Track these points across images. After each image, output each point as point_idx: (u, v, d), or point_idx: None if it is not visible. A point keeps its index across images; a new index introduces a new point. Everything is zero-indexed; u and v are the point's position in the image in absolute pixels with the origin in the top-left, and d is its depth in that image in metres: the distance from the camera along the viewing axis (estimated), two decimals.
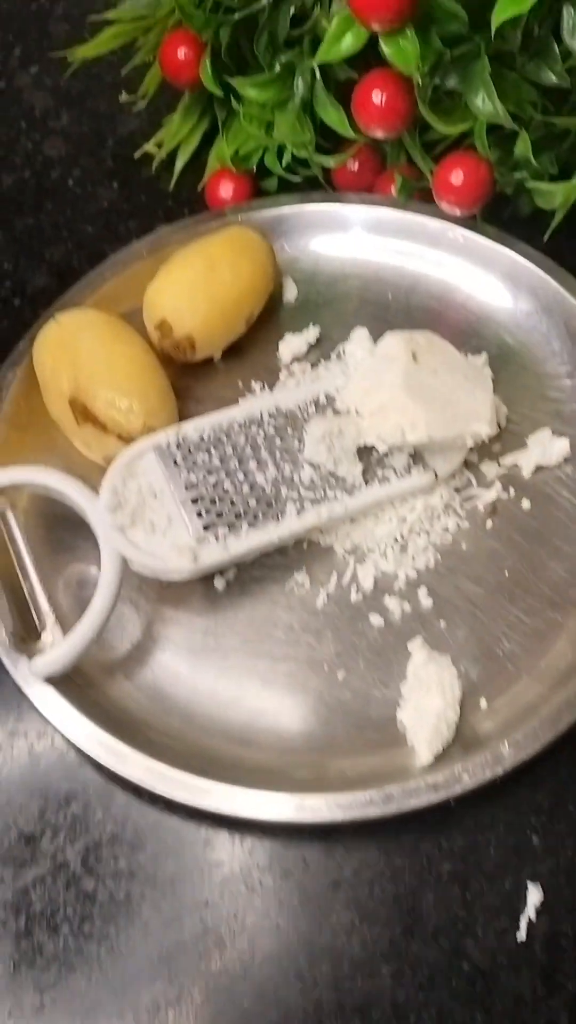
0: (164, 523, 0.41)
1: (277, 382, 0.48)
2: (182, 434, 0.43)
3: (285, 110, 0.48)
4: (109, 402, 0.43)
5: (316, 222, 0.51)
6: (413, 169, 0.50)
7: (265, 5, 0.47)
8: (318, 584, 0.43)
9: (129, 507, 0.41)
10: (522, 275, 0.48)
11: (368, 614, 0.43)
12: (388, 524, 0.44)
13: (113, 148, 0.57)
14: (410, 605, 0.43)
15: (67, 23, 0.62)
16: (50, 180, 0.56)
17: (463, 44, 0.42)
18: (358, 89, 0.43)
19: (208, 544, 0.41)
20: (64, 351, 0.45)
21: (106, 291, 0.50)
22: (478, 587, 0.43)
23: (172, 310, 0.46)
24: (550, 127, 0.46)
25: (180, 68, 0.49)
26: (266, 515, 0.42)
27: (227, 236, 0.48)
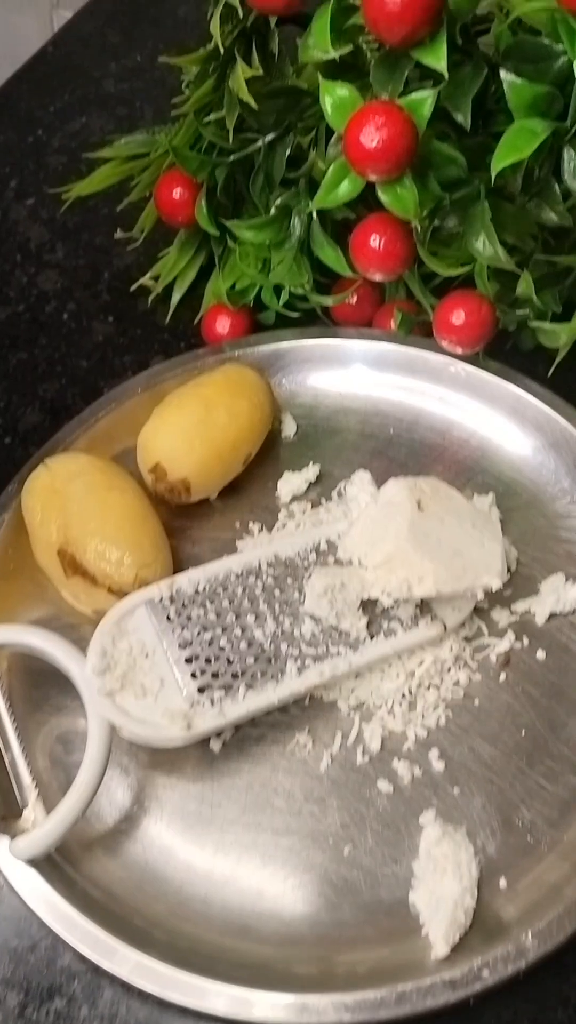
0: (156, 686, 0.39)
1: (276, 523, 0.46)
2: (176, 587, 0.41)
3: (282, 249, 0.47)
4: (99, 554, 0.41)
5: (315, 357, 0.50)
6: (413, 303, 0.49)
7: (261, 146, 0.47)
8: (321, 745, 0.41)
9: (119, 669, 0.39)
10: (527, 411, 0.47)
11: (376, 779, 0.40)
12: (395, 679, 0.41)
13: (109, 281, 0.56)
14: (421, 769, 0.40)
15: (64, 155, 0.62)
16: (44, 314, 0.55)
17: (462, 187, 0.41)
18: (356, 233, 0.43)
19: (203, 709, 0.38)
20: (53, 499, 0.43)
21: (99, 430, 0.48)
22: (493, 748, 0.40)
23: (166, 454, 0.44)
24: (552, 264, 0.45)
25: (175, 208, 0.49)
26: (265, 674, 0.39)
27: (224, 375, 0.47)
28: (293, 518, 0.46)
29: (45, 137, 0.63)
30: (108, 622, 0.39)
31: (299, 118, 0.45)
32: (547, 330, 0.44)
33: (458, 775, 0.40)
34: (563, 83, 0.39)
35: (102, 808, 0.40)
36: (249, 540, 0.46)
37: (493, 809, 0.39)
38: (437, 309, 0.45)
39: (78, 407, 0.52)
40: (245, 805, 0.40)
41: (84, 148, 0.61)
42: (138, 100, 0.64)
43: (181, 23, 0.68)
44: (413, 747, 0.40)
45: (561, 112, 0.39)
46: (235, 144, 0.46)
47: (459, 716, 0.41)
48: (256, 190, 0.47)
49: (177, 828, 0.39)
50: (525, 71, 0.39)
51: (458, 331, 0.44)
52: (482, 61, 0.39)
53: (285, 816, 0.39)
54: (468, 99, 0.39)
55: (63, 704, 0.42)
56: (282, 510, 0.47)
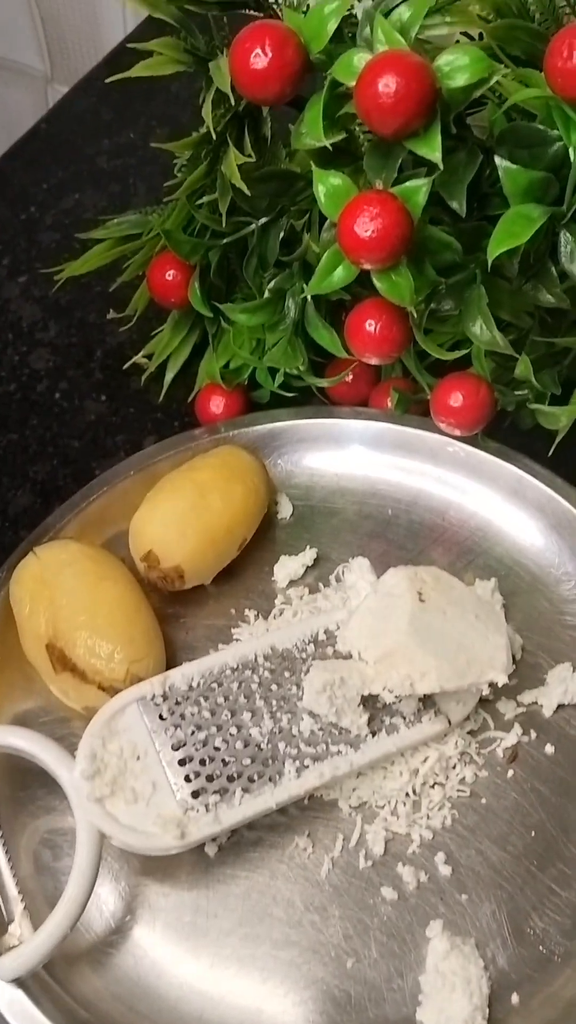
0: (148, 790, 0.37)
1: (273, 609, 0.45)
2: (169, 683, 0.39)
3: (276, 331, 0.47)
4: (89, 649, 0.40)
5: (311, 436, 0.49)
6: (409, 381, 0.49)
7: (254, 229, 0.46)
8: (322, 849, 0.39)
9: (109, 773, 0.37)
10: (528, 492, 0.46)
11: (379, 886, 0.38)
12: (398, 778, 0.39)
13: (102, 360, 0.56)
14: (426, 874, 0.38)
15: (57, 232, 0.62)
16: (36, 393, 0.55)
17: (458, 272, 0.41)
18: (351, 318, 0.42)
19: (197, 815, 0.36)
20: (42, 590, 0.42)
21: (91, 514, 0.47)
22: (502, 851, 0.38)
23: (159, 541, 0.43)
24: (550, 345, 0.44)
25: (168, 289, 0.48)
26: (262, 776, 0.38)
27: (218, 459, 0.46)
28: (290, 604, 0.45)
29: (38, 214, 0.63)
30: (98, 722, 0.38)
31: (292, 201, 0.45)
32: (546, 413, 0.43)
33: (466, 881, 0.38)
34: (558, 168, 0.39)
35: (91, 918, 0.38)
36: (245, 628, 0.44)
37: (503, 917, 0.37)
38: (434, 391, 0.44)
39: (69, 489, 0.50)
40: (243, 915, 0.38)
41: (77, 225, 0.61)
42: (131, 177, 0.64)
43: (173, 99, 0.69)
44: (418, 850, 0.39)
45: (557, 197, 0.39)
46: (228, 227, 0.45)
47: (466, 816, 0.39)
48: (250, 272, 0.47)
49: (171, 940, 0.37)
50: (520, 156, 0.38)
51: (456, 413, 0.43)
52: (476, 147, 0.39)
53: (284, 927, 0.37)
54: (463, 186, 0.39)
55: (51, 805, 0.40)
56: (279, 595, 0.46)
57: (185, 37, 0.43)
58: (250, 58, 0.37)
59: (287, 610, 0.45)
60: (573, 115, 0.37)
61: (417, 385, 0.47)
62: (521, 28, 0.39)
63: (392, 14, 0.38)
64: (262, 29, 0.37)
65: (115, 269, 0.52)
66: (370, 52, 0.36)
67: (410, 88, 0.34)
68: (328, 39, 0.38)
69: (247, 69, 0.37)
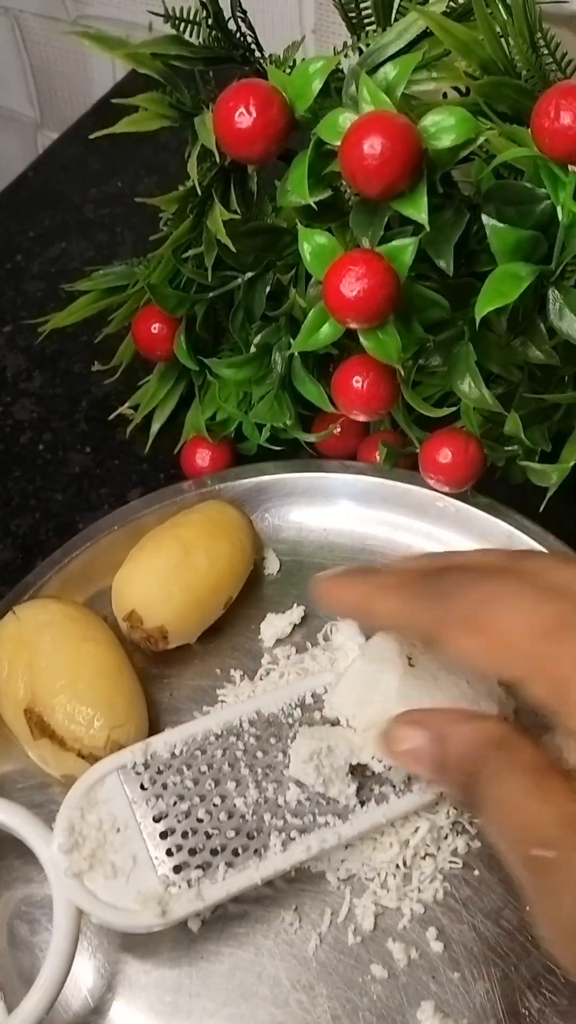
0: (128, 865, 0.35)
1: (259, 668, 0.44)
2: (150, 751, 0.38)
3: (262, 385, 0.46)
4: (68, 715, 0.39)
5: (298, 490, 0.48)
6: (398, 433, 0.48)
7: (241, 283, 0.46)
8: (309, 924, 0.38)
9: (88, 846, 0.36)
10: (517, 547, 0.45)
11: (369, 963, 0.37)
12: (388, 849, 0.38)
13: (87, 410, 0.55)
14: (417, 951, 0.37)
15: (43, 281, 0.61)
16: (19, 445, 0.54)
17: (446, 329, 0.40)
18: (337, 375, 0.41)
19: (179, 891, 0.35)
20: (22, 652, 0.41)
21: (73, 571, 0.46)
22: (496, 926, 0.37)
23: (142, 601, 0.42)
24: (540, 400, 0.43)
25: (154, 342, 0.48)
26: (247, 849, 0.36)
27: (203, 515, 0.45)
28: (277, 664, 0.44)
29: (24, 263, 0.62)
30: (76, 793, 0.37)
31: (279, 256, 0.44)
32: (537, 470, 0.43)
33: (458, 958, 0.37)
34: (546, 226, 0.38)
35: (68, 996, 0.37)
36: (231, 688, 0.43)
37: (497, 996, 0.36)
38: (423, 447, 0.43)
39: (52, 543, 0.50)
40: (227, 994, 0.36)
41: (63, 274, 0.61)
42: (118, 226, 0.64)
43: (162, 148, 0.69)
44: (409, 925, 0.37)
45: (545, 255, 0.39)
46: (214, 281, 0.45)
47: (458, 889, 0.38)
48: (236, 326, 0.46)
49: (153, 1021, 0.36)
50: (507, 214, 0.38)
51: (445, 470, 0.43)
52: (463, 205, 0.39)
53: (271, 1007, 0.36)
54: (450, 244, 0.38)
55: (28, 875, 0.39)
56: (265, 655, 0.44)
57: (171, 92, 0.43)
58: (234, 117, 0.37)
59: (274, 671, 0.44)
60: (560, 174, 0.37)
61: (406, 438, 0.47)
62: (508, 85, 0.39)
63: (378, 72, 0.38)
64: (246, 88, 0.37)
65: (101, 319, 0.52)
66: (355, 112, 0.36)
67: (395, 150, 0.34)
68: (313, 98, 0.37)
69: (231, 128, 0.37)
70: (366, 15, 0.43)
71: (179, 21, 0.43)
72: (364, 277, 0.36)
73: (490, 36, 0.38)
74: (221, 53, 0.43)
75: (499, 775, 0.29)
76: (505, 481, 0.48)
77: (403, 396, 0.42)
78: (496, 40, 0.38)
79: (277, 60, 0.43)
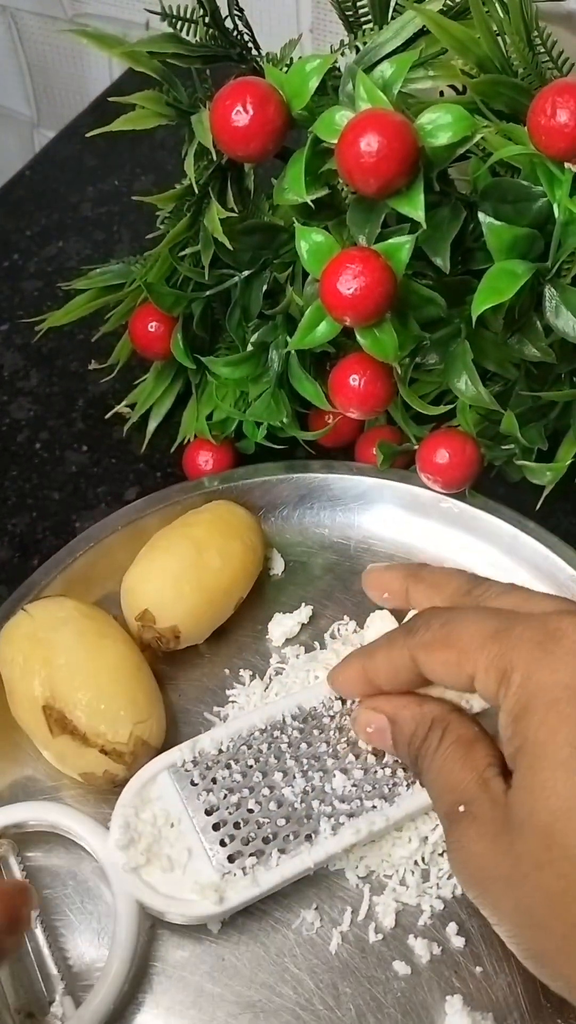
0: (183, 857, 0.36)
1: (268, 669, 0.44)
2: (198, 748, 0.38)
3: (259, 383, 0.46)
4: (92, 711, 0.39)
5: (303, 491, 0.48)
6: (395, 429, 0.48)
7: (237, 281, 0.46)
8: (330, 923, 0.38)
9: (143, 842, 0.36)
10: (523, 550, 0.45)
11: (391, 960, 0.37)
12: (407, 845, 0.38)
13: (84, 409, 0.55)
14: (439, 947, 0.37)
15: (40, 280, 0.61)
16: (16, 443, 0.54)
17: (442, 327, 0.40)
18: (334, 373, 0.41)
19: (235, 879, 0.36)
20: (37, 649, 0.40)
21: (77, 571, 0.45)
22: None
23: (155, 600, 0.42)
24: (536, 399, 0.43)
25: (151, 341, 0.48)
26: (297, 836, 0.37)
27: (214, 515, 0.45)
28: (286, 663, 0.44)
29: (21, 262, 0.62)
30: (129, 792, 0.37)
31: (276, 254, 0.44)
32: (533, 469, 0.43)
33: (479, 952, 0.37)
34: (543, 223, 0.38)
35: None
36: (241, 689, 0.43)
37: (520, 990, 0.36)
38: (420, 447, 0.43)
39: (49, 542, 0.50)
40: (250, 997, 0.36)
41: (60, 273, 0.61)
42: (115, 224, 0.64)
43: (159, 146, 0.69)
44: (429, 921, 0.38)
45: (542, 252, 0.39)
46: (211, 279, 0.45)
47: None
48: (233, 324, 0.46)
49: None
50: (504, 212, 0.38)
51: (442, 471, 0.43)
52: (460, 203, 0.39)
53: (295, 1008, 0.36)
54: (447, 242, 0.38)
55: (87, 881, 0.39)
56: (274, 654, 0.44)
57: (168, 90, 0.43)
58: (231, 115, 0.37)
59: (284, 670, 0.44)
60: (557, 172, 0.37)
61: (403, 434, 0.47)
62: (504, 83, 0.39)
63: (375, 70, 0.38)
64: (243, 86, 0.37)
65: (98, 317, 0.52)
66: (352, 109, 0.36)
67: (392, 147, 0.34)
68: (310, 97, 0.37)
69: (228, 126, 0.37)
70: (363, 13, 0.43)
71: (176, 19, 0.43)
72: (361, 275, 0.36)
73: (487, 34, 0.38)
74: (218, 51, 0.43)
75: (433, 748, 0.34)
76: (501, 479, 0.48)
77: (400, 394, 0.43)
78: (493, 38, 0.38)
79: (274, 58, 0.43)
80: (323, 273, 0.37)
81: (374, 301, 0.36)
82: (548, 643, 0.31)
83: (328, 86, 0.40)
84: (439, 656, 0.34)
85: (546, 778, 0.30)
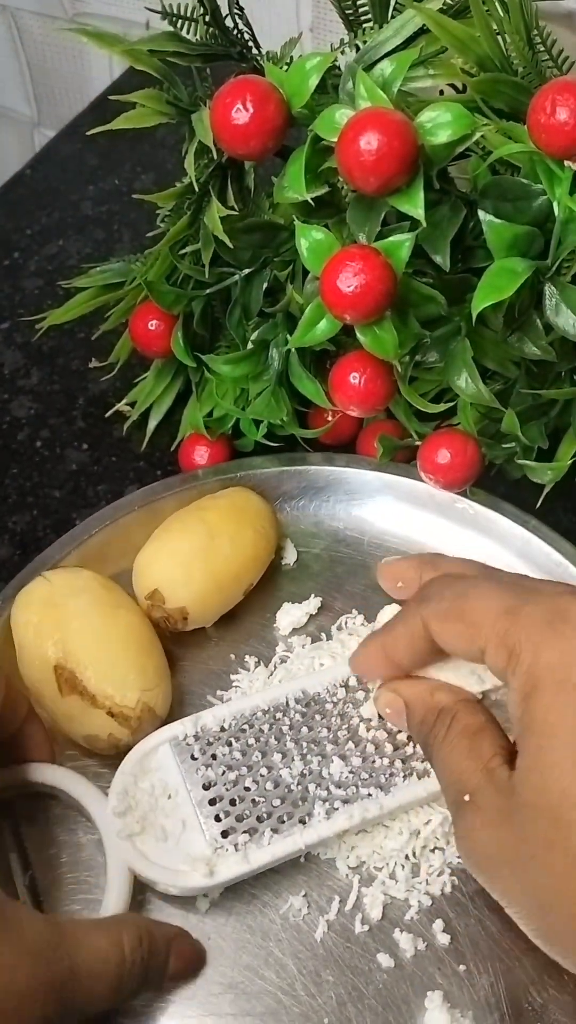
0: (178, 829, 0.37)
1: (274, 656, 0.44)
2: (201, 724, 0.39)
3: (259, 381, 0.46)
4: (102, 673, 0.39)
5: (318, 484, 0.48)
6: (396, 424, 0.48)
7: (238, 279, 0.46)
8: (317, 911, 0.38)
9: (140, 810, 0.37)
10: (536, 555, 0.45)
11: (376, 952, 0.37)
12: (398, 836, 0.38)
13: (84, 407, 0.55)
14: (424, 943, 0.37)
15: (40, 278, 0.61)
16: (16, 441, 0.54)
17: (442, 324, 0.40)
18: (335, 371, 0.41)
19: (226, 854, 0.36)
20: (51, 612, 0.41)
21: (92, 547, 0.45)
22: (502, 921, 0.37)
23: (166, 580, 0.43)
24: (536, 397, 0.44)
25: (151, 339, 0.48)
26: (291, 817, 0.37)
27: (229, 502, 0.45)
28: (292, 652, 0.44)
29: (21, 260, 0.62)
30: (130, 761, 0.38)
31: (276, 252, 0.45)
32: (534, 468, 0.43)
33: (464, 951, 0.37)
34: (543, 221, 0.39)
35: None
36: (245, 675, 0.44)
37: (502, 991, 0.36)
38: (422, 446, 0.43)
39: (49, 540, 0.49)
40: (233, 976, 0.36)
41: (61, 271, 0.61)
42: (116, 223, 0.64)
43: (159, 144, 0.69)
44: (416, 916, 0.38)
45: (542, 250, 0.39)
46: (211, 278, 0.45)
47: (466, 883, 0.38)
48: (233, 323, 0.46)
49: (157, 999, 0.36)
50: (504, 210, 0.38)
51: (443, 471, 0.43)
52: (460, 201, 0.39)
53: (276, 991, 0.36)
54: (447, 240, 0.38)
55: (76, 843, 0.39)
56: (280, 643, 0.45)
57: (168, 89, 0.43)
58: (231, 113, 0.37)
59: (290, 658, 0.44)
60: (556, 170, 0.37)
61: (404, 429, 0.47)
62: (504, 82, 0.39)
63: (375, 68, 0.38)
64: (243, 84, 0.37)
65: (99, 315, 0.52)
66: (352, 108, 0.36)
67: (392, 146, 0.34)
68: (309, 95, 0.37)
69: (228, 125, 0.37)
70: (363, 12, 0.43)
71: (176, 18, 0.43)
72: (361, 273, 0.36)
73: (487, 33, 0.38)
74: (218, 50, 0.43)
75: (441, 738, 0.35)
76: (501, 477, 0.48)
77: (400, 392, 0.43)
78: (493, 37, 0.38)
79: (274, 57, 0.43)
80: (323, 271, 0.37)
81: (374, 299, 0.36)
82: (557, 622, 0.31)
83: (328, 84, 0.40)
84: (451, 628, 0.34)
85: (555, 758, 0.30)
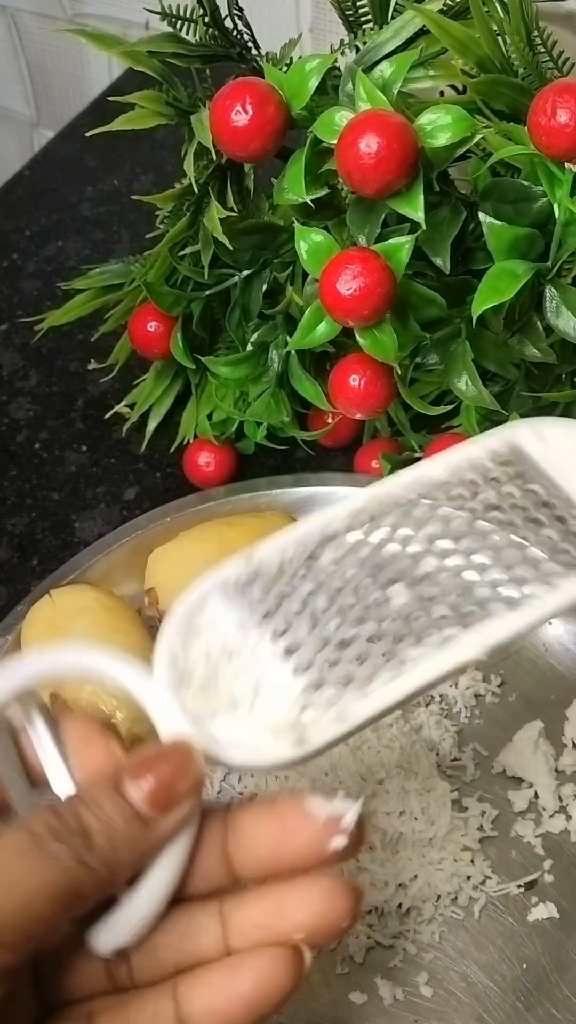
0: (250, 693, 0.28)
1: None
2: (257, 560, 0.29)
3: (259, 383, 0.46)
4: (93, 704, 0.39)
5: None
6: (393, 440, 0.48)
7: (237, 281, 0.46)
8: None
9: (196, 679, 0.28)
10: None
11: (349, 991, 0.36)
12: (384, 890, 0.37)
13: (83, 409, 0.55)
14: (404, 993, 0.36)
15: (39, 280, 0.61)
16: (15, 443, 0.54)
17: (442, 327, 0.40)
18: (334, 374, 0.41)
19: (316, 715, 0.27)
20: (53, 636, 0.41)
21: (120, 556, 0.45)
22: (489, 981, 0.36)
23: (163, 582, 0.43)
24: (537, 399, 0.43)
25: (150, 341, 0.48)
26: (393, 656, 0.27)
27: (259, 521, 0.44)
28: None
29: (20, 261, 0.62)
30: (174, 619, 0.29)
31: (276, 254, 0.44)
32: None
33: (445, 1007, 0.36)
34: (543, 223, 0.38)
35: None
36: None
37: None
38: (427, 453, 0.43)
39: (48, 542, 0.50)
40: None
41: (59, 273, 0.61)
42: (115, 224, 0.64)
43: (159, 146, 0.69)
44: (400, 965, 0.37)
45: (542, 252, 0.39)
46: (211, 279, 0.45)
47: (456, 936, 0.37)
48: (232, 324, 0.46)
49: None
50: (504, 212, 0.38)
51: None
52: (460, 203, 0.39)
53: None
54: (447, 242, 0.38)
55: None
56: None
57: (167, 90, 0.43)
58: (231, 115, 0.36)
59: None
60: (557, 172, 0.37)
61: (400, 443, 0.46)
62: (504, 83, 0.39)
63: (374, 70, 0.38)
64: (243, 86, 0.37)
65: (98, 317, 0.52)
66: (352, 110, 0.36)
67: (392, 148, 0.33)
68: (309, 96, 0.37)
69: (228, 126, 0.37)
70: (363, 13, 0.43)
71: (176, 19, 0.43)
72: (361, 275, 0.36)
73: (487, 34, 0.38)
74: (218, 51, 0.43)
75: None
76: None
77: (400, 395, 0.42)
78: (493, 38, 0.38)
79: (274, 58, 0.43)
80: (323, 273, 0.37)
81: (374, 301, 0.36)
82: None
83: (328, 86, 0.40)
84: None
85: None
